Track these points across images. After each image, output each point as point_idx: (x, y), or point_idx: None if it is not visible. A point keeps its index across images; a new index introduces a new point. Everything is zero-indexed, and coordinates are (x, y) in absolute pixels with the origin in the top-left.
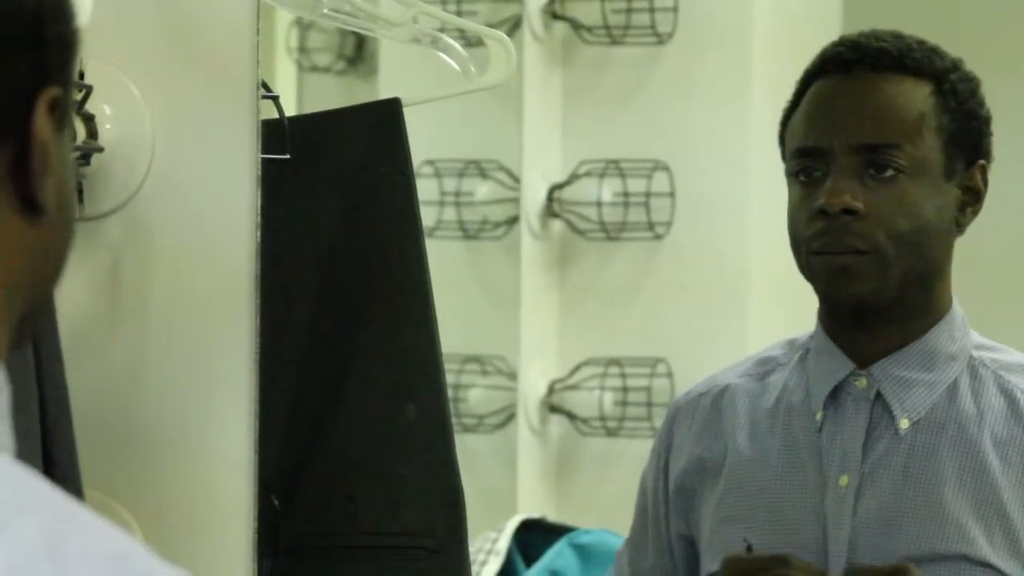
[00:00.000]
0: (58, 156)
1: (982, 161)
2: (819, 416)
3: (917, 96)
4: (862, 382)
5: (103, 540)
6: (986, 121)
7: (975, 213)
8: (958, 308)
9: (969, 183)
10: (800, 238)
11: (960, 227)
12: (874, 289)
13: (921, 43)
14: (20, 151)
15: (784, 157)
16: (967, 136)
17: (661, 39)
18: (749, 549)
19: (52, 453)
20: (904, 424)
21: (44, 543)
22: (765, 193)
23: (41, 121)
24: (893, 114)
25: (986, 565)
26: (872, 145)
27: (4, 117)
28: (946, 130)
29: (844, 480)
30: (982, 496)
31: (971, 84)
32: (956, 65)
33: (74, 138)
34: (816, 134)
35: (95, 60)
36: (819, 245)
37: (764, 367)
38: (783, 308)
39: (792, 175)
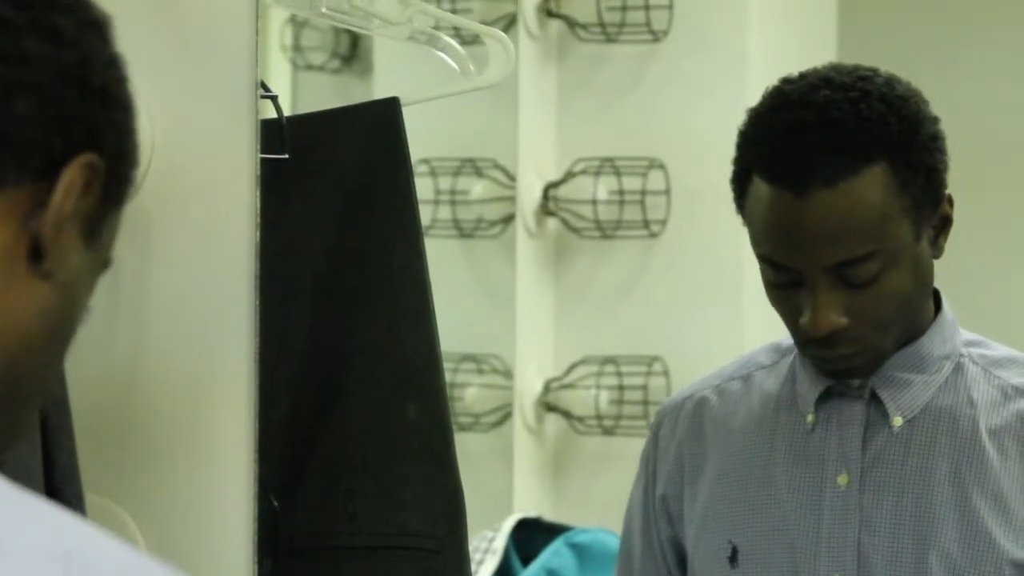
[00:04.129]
0: (81, 252)
1: (947, 192)
2: (810, 418)
3: (875, 193)
4: (855, 380)
5: (109, 554)
6: (939, 152)
7: (948, 235)
8: (948, 310)
9: (940, 216)
10: (786, 325)
11: (936, 256)
12: (872, 369)
13: (859, 114)
14: (44, 200)
15: (743, 223)
16: (930, 191)
17: (656, 37)
18: (734, 552)
19: (52, 454)
20: (898, 422)
21: (50, 558)
22: None
23: (72, 175)
24: (858, 228)
25: (994, 554)
26: (845, 262)
27: (40, 152)
28: (911, 204)
29: (843, 479)
30: (982, 487)
31: (918, 130)
32: (899, 115)
33: (107, 263)
34: (782, 254)
35: None
36: (811, 353)
37: (749, 369)
38: None
39: (763, 275)
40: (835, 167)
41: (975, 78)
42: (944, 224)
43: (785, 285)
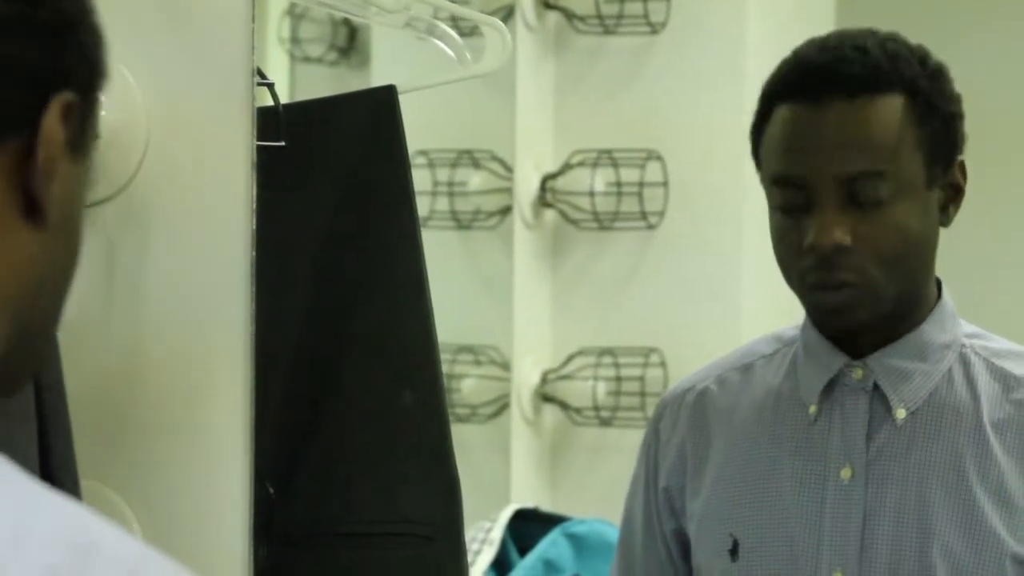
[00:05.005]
0: (69, 173)
1: (960, 157)
2: (813, 409)
3: (893, 116)
4: (859, 373)
5: (129, 547)
6: (958, 114)
7: (958, 208)
8: (947, 298)
9: (951, 182)
10: (791, 271)
11: (945, 224)
12: (869, 318)
13: (885, 49)
14: (27, 150)
15: (760, 175)
16: (945, 140)
17: (654, 28)
18: (735, 545)
19: (48, 440)
20: (901, 414)
21: (68, 549)
22: (758, 183)
23: (51, 124)
24: (872, 141)
25: (996, 548)
26: (855, 175)
27: (11, 109)
28: (925, 141)
29: (847, 472)
30: (985, 481)
31: (940, 81)
32: (923, 63)
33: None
34: (795, 166)
35: None
36: (812, 280)
37: (750, 358)
38: (776, 298)
39: (773, 205)
40: (857, 82)
41: (972, 72)
42: (955, 193)
43: (794, 209)
